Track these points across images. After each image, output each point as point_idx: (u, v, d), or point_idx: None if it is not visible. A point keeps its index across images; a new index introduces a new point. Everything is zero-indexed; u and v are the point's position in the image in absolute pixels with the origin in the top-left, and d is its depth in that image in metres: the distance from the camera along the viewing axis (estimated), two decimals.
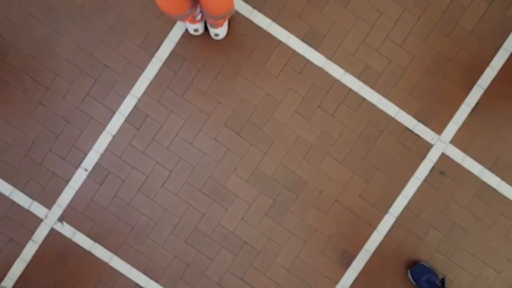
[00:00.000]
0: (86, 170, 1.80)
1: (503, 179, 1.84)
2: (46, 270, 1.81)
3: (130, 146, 1.81)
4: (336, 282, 1.83)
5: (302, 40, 1.81)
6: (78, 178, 1.80)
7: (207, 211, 1.82)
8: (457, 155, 1.83)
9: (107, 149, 1.80)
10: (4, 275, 1.81)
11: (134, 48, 1.80)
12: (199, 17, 1.65)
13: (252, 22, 1.81)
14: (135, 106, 1.80)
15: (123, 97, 1.80)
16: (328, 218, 1.83)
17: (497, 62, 1.82)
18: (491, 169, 1.84)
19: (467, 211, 1.84)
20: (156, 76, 1.80)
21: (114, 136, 1.81)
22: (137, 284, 1.81)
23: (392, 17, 1.81)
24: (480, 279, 1.84)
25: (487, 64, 1.82)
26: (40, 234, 1.80)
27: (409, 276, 1.82)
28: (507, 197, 1.84)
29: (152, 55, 1.80)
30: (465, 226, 1.84)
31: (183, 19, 1.53)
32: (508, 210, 1.84)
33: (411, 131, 1.83)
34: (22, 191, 1.80)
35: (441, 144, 1.83)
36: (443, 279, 1.74)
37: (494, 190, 1.84)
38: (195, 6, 1.49)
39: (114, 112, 1.81)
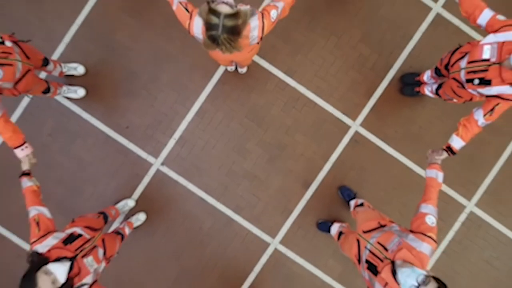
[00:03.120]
0: (175, 139, 3.56)
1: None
2: (154, 191, 3.57)
3: (196, 127, 3.57)
4: (301, 196, 3.57)
5: (284, 73, 3.56)
6: (171, 143, 3.56)
7: (236, 160, 3.57)
8: (364, 132, 3.57)
9: (185, 128, 3.56)
10: (133, 192, 3.56)
11: (199, 77, 3.56)
12: (233, 63, 3.41)
13: (259, 64, 3.56)
14: (200, 107, 3.56)
15: (193, 102, 3.56)
16: (298, 164, 3.58)
17: (384, 84, 3.56)
18: (382, 139, 3.57)
19: (370, 161, 3.57)
20: (210, 92, 3.56)
21: (189, 122, 3.56)
22: (200, 197, 3.57)
23: (330, 62, 3.56)
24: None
25: (378, 85, 3.56)
26: (151, 171, 3.56)
27: (339, 193, 3.55)
28: (392, 155, 3.57)
29: (208, 81, 3.56)
30: (369, 169, 3.58)
31: (226, 66, 3.30)
32: (391, 162, 3.57)
33: (340, 120, 3.57)
34: (142, 149, 3.56)
35: (355, 126, 3.57)
36: (355, 193, 3.48)
37: (384, 151, 3.58)
38: (234, 62, 3.25)
39: (188, 110, 3.56)
